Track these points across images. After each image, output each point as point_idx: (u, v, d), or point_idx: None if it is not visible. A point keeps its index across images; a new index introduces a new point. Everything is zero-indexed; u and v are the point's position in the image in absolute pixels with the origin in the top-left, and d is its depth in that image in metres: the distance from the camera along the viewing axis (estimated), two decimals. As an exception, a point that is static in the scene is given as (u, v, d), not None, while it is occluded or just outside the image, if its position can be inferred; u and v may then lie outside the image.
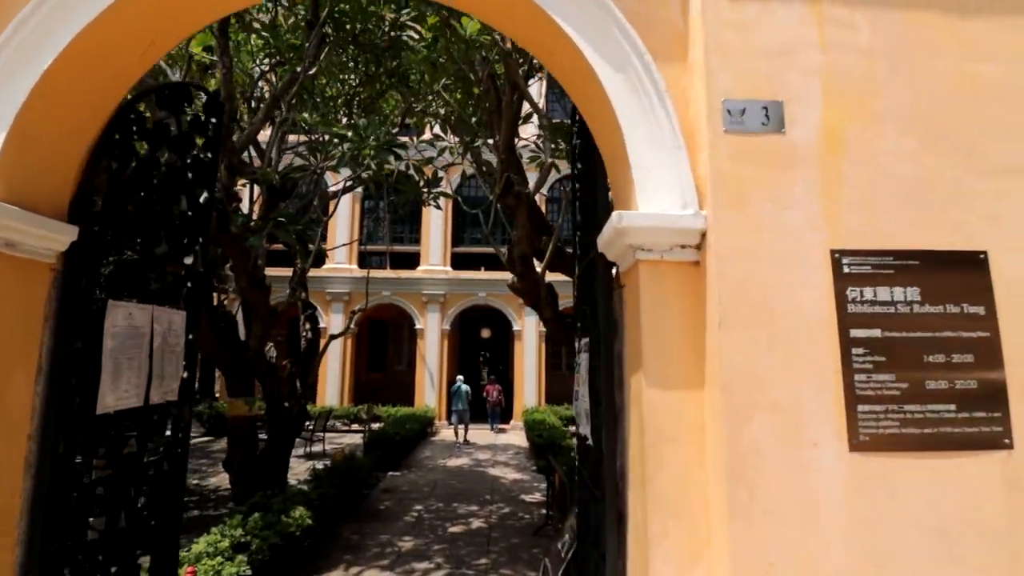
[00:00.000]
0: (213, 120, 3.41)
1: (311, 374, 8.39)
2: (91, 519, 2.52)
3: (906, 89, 1.93)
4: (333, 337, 9.03)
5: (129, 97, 2.68)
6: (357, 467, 8.69)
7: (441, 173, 8.18)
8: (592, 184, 2.46)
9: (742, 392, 1.72)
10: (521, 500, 9.04)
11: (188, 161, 3.20)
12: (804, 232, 1.82)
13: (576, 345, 3.15)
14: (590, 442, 2.52)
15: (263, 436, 7.78)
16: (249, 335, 7.45)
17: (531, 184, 5.56)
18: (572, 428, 15.08)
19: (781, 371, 1.74)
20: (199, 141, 3.37)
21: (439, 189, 8.02)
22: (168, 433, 3.10)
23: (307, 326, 9.48)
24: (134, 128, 2.69)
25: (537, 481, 10.40)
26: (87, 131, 2.32)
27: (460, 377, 16.01)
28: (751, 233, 1.81)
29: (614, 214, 1.87)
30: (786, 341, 1.76)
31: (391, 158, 5.21)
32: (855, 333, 1.78)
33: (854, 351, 1.77)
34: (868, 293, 1.80)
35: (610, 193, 2.38)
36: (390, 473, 10.86)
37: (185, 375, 3.19)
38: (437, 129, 8.91)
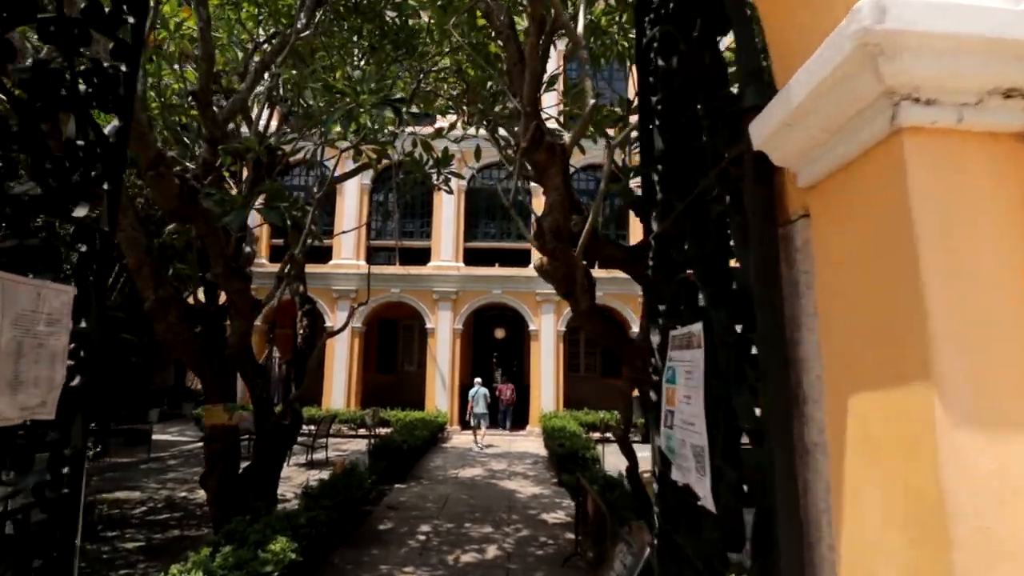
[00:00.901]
0: (131, 20, 2.40)
1: (308, 375, 7.40)
2: None
3: None
4: (331, 334, 8.03)
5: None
6: (358, 481, 7.66)
7: (453, 149, 7.17)
8: (708, 32, 1.37)
9: None
10: (542, 521, 7.95)
11: (81, 68, 2.20)
12: None
13: (656, 341, 2.07)
14: (705, 503, 1.45)
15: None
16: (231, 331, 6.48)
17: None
18: (596, 435, 13.97)
19: None
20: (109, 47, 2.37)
21: (450, 169, 7.02)
22: (49, 468, 2.09)
23: (304, 322, 8.50)
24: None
25: (559, 497, 9.31)
26: None
27: (478, 380, 15.44)
28: None
29: (862, 3, 0.78)
30: None
31: (389, 111, 4.18)
32: None
33: None
34: None
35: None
36: (396, 486, 9.84)
37: (77, 381, 2.18)
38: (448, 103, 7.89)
